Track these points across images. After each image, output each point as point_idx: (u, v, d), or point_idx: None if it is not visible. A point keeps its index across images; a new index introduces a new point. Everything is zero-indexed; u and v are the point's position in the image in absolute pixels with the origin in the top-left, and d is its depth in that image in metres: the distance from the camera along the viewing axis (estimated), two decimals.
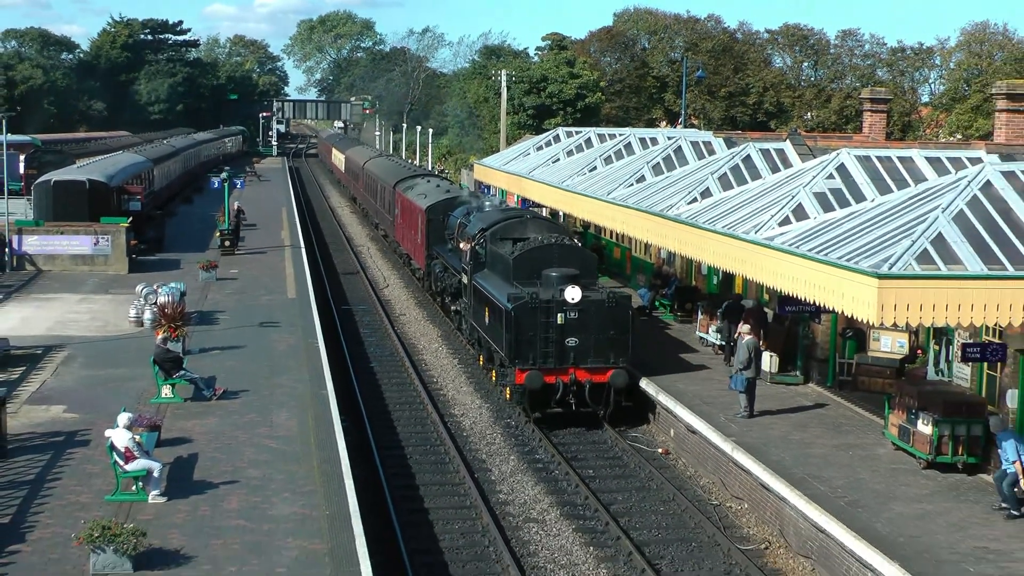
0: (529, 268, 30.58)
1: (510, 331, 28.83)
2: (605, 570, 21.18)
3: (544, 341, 28.68)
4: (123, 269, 47.82)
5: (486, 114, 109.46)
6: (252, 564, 17.93)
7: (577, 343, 28.72)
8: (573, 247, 32.43)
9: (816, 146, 32.84)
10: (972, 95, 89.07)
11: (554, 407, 29.02)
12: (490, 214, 37.13)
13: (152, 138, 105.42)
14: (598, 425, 29.40)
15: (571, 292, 28.62)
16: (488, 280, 32.73)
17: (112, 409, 23.49)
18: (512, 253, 31.54)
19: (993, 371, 24.57)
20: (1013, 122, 36.60)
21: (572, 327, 28.72)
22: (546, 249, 31.22)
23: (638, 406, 30.22)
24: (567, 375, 28.75)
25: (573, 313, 28.68)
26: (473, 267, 34.30)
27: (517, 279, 30.56)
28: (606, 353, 28.92)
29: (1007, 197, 20.82)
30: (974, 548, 19.67)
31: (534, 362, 28.74)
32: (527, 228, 33.71)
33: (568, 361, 28.77)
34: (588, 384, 28.76)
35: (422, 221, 45.89)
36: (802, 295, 22.01)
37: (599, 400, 29.02)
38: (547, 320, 28.65)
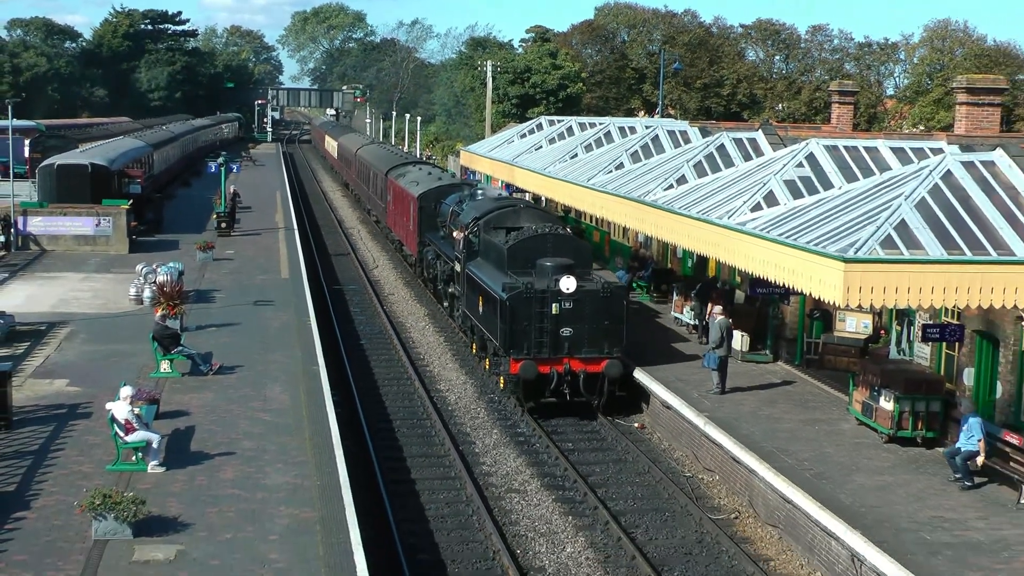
0: (523, 258, 29.48)
1: (505, 321, 27.81)
2: (583, 538, 21.24)
3: (539, 331, 27.68)
4: (123, 249, 47.71)
5: (472, 103, 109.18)
6: (246, 531, 17.94)
7: (572, 333, 27.73)
8: (567, 237, 31.14)
9: (787, 136, 32.87)
10: (934, 89, 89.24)
11: (548, 397, 28.05)
12: (483, 203, 35.83)
13: (152, 124, 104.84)
14: (591, 415, 28.48)
15: (566, 282, 27.63)
16: (482, 269, 31.50)
17: (113, 383, 23.45)
18: (506, 242, 30.34)
19: (951, 351, 24.69)
20: (972, 114, 36.65)
21: (567, 317, 27.72)
22: (540, 239, 30.06)
23: (631, 395, 29.33)
24: (561, 365, 27.74)
25: (568, 303, 27.68)
26: (466, 256, 33.02)
27: (511, 268, 29.38)
28: (600, 343, 27.91)
29: (966, 186, 20.88)
30: (931, 517, 19.80)
31: (528, 352, 27.71)
32: (520, 217, 32.61)
33: (563, 351, 27.77)
34: (582, 374, 27.78)
35: (414, 208, 44.66)
36: (772, 278, 22.08)
37: (593, 390, 28.00)
38: (542, 310, 27.66)
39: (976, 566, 17.78)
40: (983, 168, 21.39)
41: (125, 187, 55.41)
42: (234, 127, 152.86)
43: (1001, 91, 38.33)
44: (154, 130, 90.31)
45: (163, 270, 36.19)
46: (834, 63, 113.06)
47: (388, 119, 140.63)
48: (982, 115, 36.79)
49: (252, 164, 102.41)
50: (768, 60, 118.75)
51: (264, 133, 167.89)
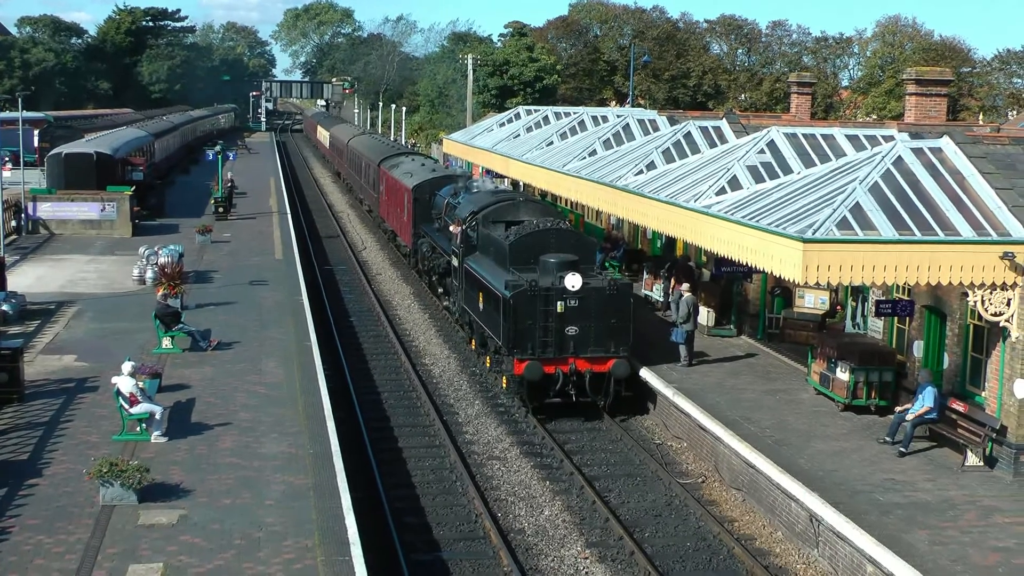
0: (526, 253, 27.03)
1: (508, 320, 25.39)
2: (560, 502, 21.25)
3: (543, 330, 25.30)
4: (127, 233, 47.51)
5: (454, 94, 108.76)
6: (244, 497, 17.89)
7: (577, 332, 25.31)
8: (571, 232, 28.69)
9: (749, 124, 32.83)
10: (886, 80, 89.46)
11: (553, 397, 25.66)
12: (481, 196, 33.26)
13: (153, 115, 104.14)
14: (597, 415, 26.16)
15: (571, 279, 25.22)
16: (481, 264, 29.11)
17: (118, 358, 23.33)
18: (508, 238, 27.95)
19: (902, 325, 24.75)
20: (921, 104, 36.64)
21: (572, 315, 25.29)
22: (543, 234, 27.59)
23: (639, 395, 27.12)
24: (567, 365, 25.36)
25: (573, 301, 25.22)
26: (464, 250, 30.53)
27: (514, 265, 26.94)
28: (607, 342, 25.52)
29: (916, 171, 20.89)
30: (883, 480, 19.89)
31: (533, 352, 25.31)
32: (520, 211, 30.21)
33: (568, 350, 25.40)
34: (588, 374, 25.40)
35: (408, 200, 42.25)
36: (736, 257, 22.06)
37: (600, 390, 25.72)
38: (546, 308, 25.24)
39: (924, 524, 17.87)
40: (931, 154, 21.39)
41: (128, 174, 55.15)
42: (230, 117, 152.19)
43: (947, 83, 38.32)
44: (155, 120, 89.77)
45: (164, 252, 36.05)
46: (793, 56, 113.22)
47: (375, 109, 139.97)
48: (930, 105, 36.80)
49: (247, 152, 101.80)
50: (731, 53, 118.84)
51: (258, 123, 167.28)
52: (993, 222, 20.02)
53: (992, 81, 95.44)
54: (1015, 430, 20.15)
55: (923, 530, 17.63)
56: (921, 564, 16.27)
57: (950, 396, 21.98)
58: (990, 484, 19.81)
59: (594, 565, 18.50)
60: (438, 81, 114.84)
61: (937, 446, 21.62)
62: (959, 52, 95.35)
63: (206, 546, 15.95)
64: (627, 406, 26.58)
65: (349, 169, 73.84)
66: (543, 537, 19.62)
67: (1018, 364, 20.04)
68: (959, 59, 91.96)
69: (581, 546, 19.24)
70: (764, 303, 31.05)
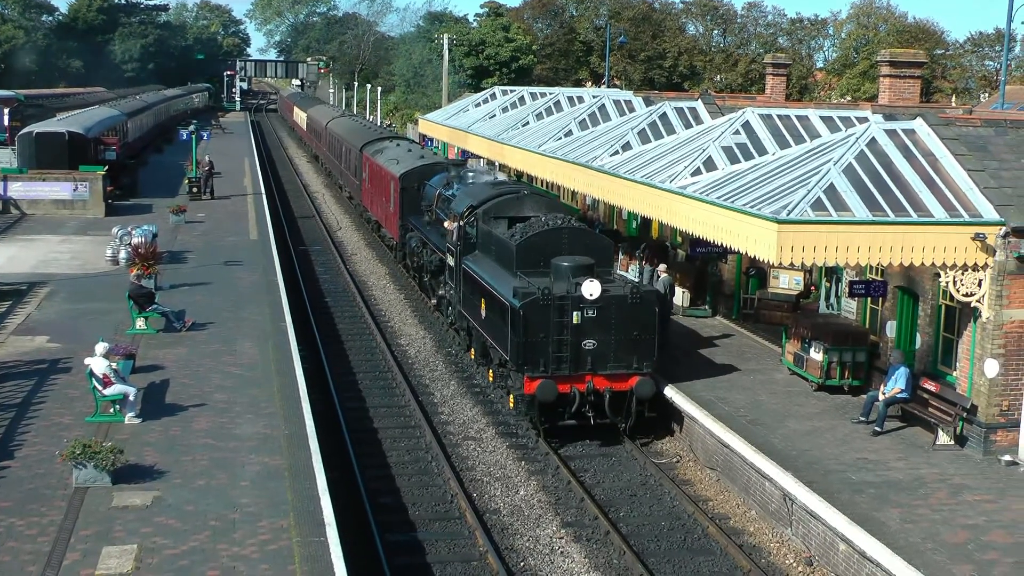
0: (535, 256, 24.23)
1: (517, 332, 22.46)
2: (535, 482, 21.31)
3: (557, 344, 22.39)
4: (100, 213, 47.18)
5: (429, 74, 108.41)
6: (219, 478, 17.86)
7: (595, 346, 22.48)
8: (584, 231, 25.51)
9: (724, 105, 32.85)
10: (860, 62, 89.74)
11: (567, 419, 22.83)
12: (479, 188, 30.13)
13: (126, 94, 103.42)
14: (615, 439, 23.41)
15: (589, 287, 22.34)
16: (481, 265, 26.21)
17: (91, 339, 23.20)
18: (515, 238, 25.02)
19: (876, 305, 24.89)
20: (895, 86, 36.85)
21: (589, 327, 22.45)
22: (555, 234, 24.62)
23: (663, 416, 24.05)
24: (583, 383, 22.55)
25: (591, 311, 22.39)
26: (462, 248, 27.55)
27: (521, 268, 24.18)
28: (628, 357, 22.70)
29: (889, 152, 20.97)
30: (856, 459, 20.04)
31: (545, 368, 22.43)
32: (524, 206, 27.30)
33: (585, 367, 22.52)
34: (608, 393, 22.63)
35: (395, 189, 39.24)
36: (711, 238, 22.10)
37: (620, 411, 22.95)
38: (561, 320, 22.37)
39: (896, 503, 18.02)
40: (904, 136, 21.48)
41: (101, 154, 54.74)
42: (204, 97, 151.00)
43: (920, 65, 38.56)
44: (128, 100, 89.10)
45: (138, 232, 35.81)
46: (768, 37, 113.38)
47: (350, 89, 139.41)
48: (904, 87, 37.00)
49: (222, 132, 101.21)
50: (707, 34, 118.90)
51: (233, 103, 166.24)
52: (965, 203, 20.15)
53: (965, 63, 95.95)
54: (985, 409, 20.34)
55: (895, 508, 17.78)
56: (893, 542, 16.42)
57: (922, 376, 22.14)
58: (960, 463, 20.00)
59: (569, 545, 18.57)
60: (414, 61, 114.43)
61: (909, 425, 21.80)
62: (932, 34, 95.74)
63: (181, 527, 15.91)
64: (650, 427, 24.17)
65: (328, 153, 70.59)
66: (518, 517, 19.68)
67: (988, 344, 20.20)
68: (932, 41, 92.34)
69: (556, 526, 19.31)
70: (739, 284, 31.17)
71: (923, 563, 15.74)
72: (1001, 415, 20.34)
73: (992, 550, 16.34)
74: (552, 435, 22.99)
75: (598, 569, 17.71)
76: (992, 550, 16.34)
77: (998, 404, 20.31)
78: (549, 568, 17.75)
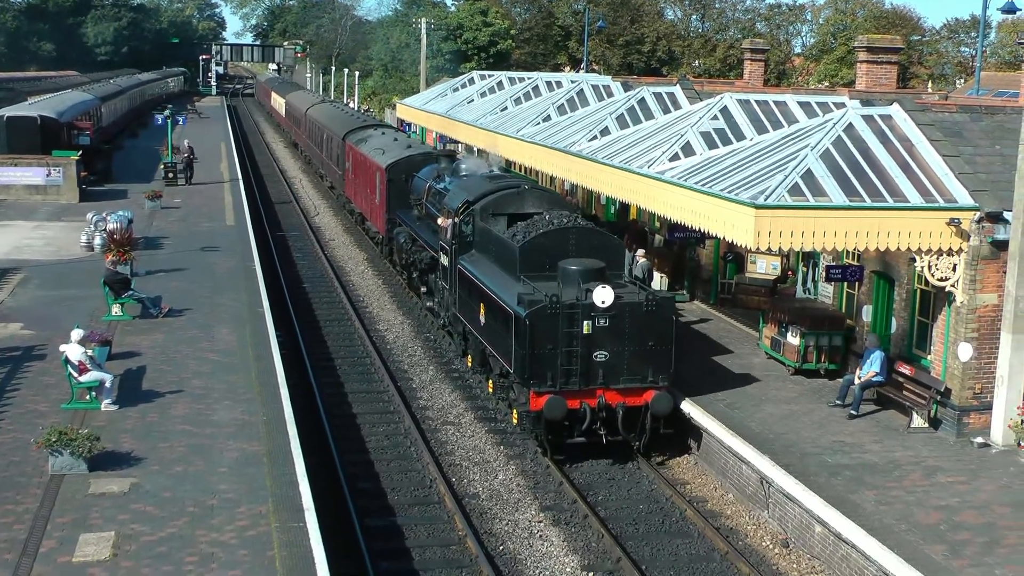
0: (540, 258, 22.49)
1: (523, 343, 20.67)
2: (514, 466, 21.41)
3: (566, 356, 20.65)
4: (74, 198, 46.90)
5: (407, 58, 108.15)
6: (197, 464, 17.88)
7: (608, 358, 20.79)
8: (593, 231, 23.44)
9: (702, 90, 32.97)
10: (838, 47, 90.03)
11: (577, 437, 21.22)
12: (475, 182, 27.98)
13: (99, 78, 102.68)
14: (628, 456, 21.80)
15: (601, 294, 20.60)
16: (479, 267, 24.45)
17: (66, 326, 23.14)
18: (517, 238, 23.27)
19: (852, 290, 25.07)
20: (872, 72, 37.07)
21: (601, 337, 20.71)
22: (562, 234, 22.78)
23: (679, 432, 22.33)
24: (594, 398, 20.87)
25: (603, 320, 20.68)
26: (458, 248, 25.81)
27: (525, 271, 22.39)
28: (643, 369, 21.04)
29: (866, 138, 21.12)
30: (832, 442, 20.23)
31: (553, 383, 20.70)
32: (525, 202, 25.53)
33: (596, 380, 20.85)
34: (621, 409, 20.99)
35: (381, 181, 37.29)
36: (689, 223, 22.22)
37: (634, 427, 21.31)
38: (571, 329, 20.64)
39: (871, 485, 18.23)
40: (881, 121, 21.63)
41: (74, 138, 54.32)
42: (180, 81, 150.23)
43: (897, 50, 38.81)
44: (102, 84, 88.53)
45: (113, 218, 35.64)
46: (746, 23, 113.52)
47: (327, 74, 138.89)
48: (881, 72, 37.21)
49: (198, 117, 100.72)
50: (685, 19, 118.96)
51: (209, 87, 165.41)
52: (940, 189, 20.34)
53: (941, 49, 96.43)
54: (959, 392, 20.57)
55: (870, 490, 17.98)
56: (867, 523, 16.61)
57: (897, 360, 22.36)
58: (934, 445, 20.23)
59: (548, 528, 18.70)
60: (391, 45, 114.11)
61: (884, 409, 22.03)
62: (909, 20, 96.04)
63: (158, 514, 15.93)
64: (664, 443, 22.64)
65: (308, 141, 68.24)
66: (497, 501, 19.79)
67: (962, 328, 20.42)
68: (909, 27, 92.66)
69: (535, 509, 19.43)
70: (717, 268, 31.32)
71: (897, 544, 15.94)
72: (974, 398, 20.58)
73: (964, 530, 16.57)
74: (558, 452, 21.34)
75: (577, 552, 17.85)
76: (964, 530, 16.57)
77: (971, 387, 20.55)
78: (528, 552, 17.87)
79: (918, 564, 15.34)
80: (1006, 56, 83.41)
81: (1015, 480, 18.62)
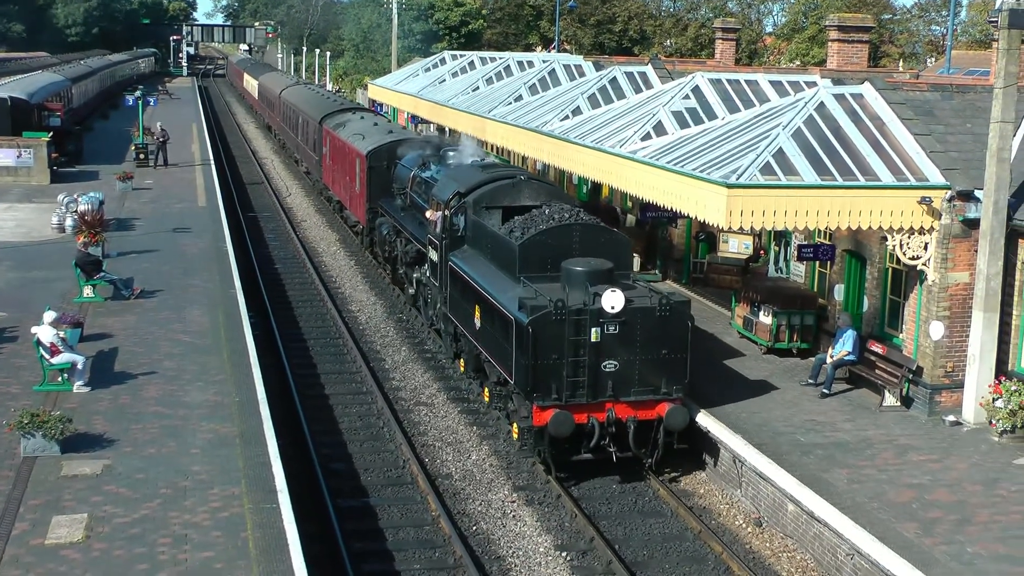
0: (541, 257, 20.69)
1: (525, 353, 18.82)
2: (487, 447, 21.37)
3: (573, 367, 18.89)
4: (45, 180, 46.46)
5: (379, 39, 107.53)
6: (169, 446, 17.75)
7: (617, 368, 19.05)
8: (599, 227, 21.55)
9: (674, 70, 32.90)
10: (809, 27, 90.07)
11: (584, 453, 19.48)
12: (465, 172, 26.29)
13: (70, 59, 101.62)
14: (637, 475, 20.00)
15: (611, 298, 18.79)
16: (474, 265, 22.66)
17: (38, 308, 22.93)
18: (514, 234, 21.45)
19: (824, 269, 25.13)
20: (843, 51, 37.10)
21: (610, 346, 18.98)
22: (564, 231, 20.95)
23: (694, 448, 20.66)
24: (603, 412, 19.17)
25: (612, 327, 18.91)
26: (449, 243, 24.06)
27: (525, 272, 20.61)
28: (655, 380, 19.32)
29: (837, 117, 21.11)
30: (804, 421, 20.29)
31: (558, 396, 18.93)
32: (520, 194, 23.75)
33: (605, 393, 19.11)
34: (632, 423, 19.30)
35: (361, 168, 35.52)
36: (661, 202, 22.17)
37: (646, 442, 19.64)
38: (578, 337, 18.87)
39: (844, 463, 18.29)
40: (852, 100, 21.63)
41: (45, 120, 53.80)
42: (150, 62, 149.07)
43: (868, 29, 38.82)
44: (72, 65, 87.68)
45: (84, 199, 35.36)
46: (718, 2, 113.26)
47: (299, 55, 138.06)
48: (852, 51, 37.25)
49: (169, 98, 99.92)
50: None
51: (179, 68, 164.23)
52: (911, 167, 20.36)
53: (912, 28, 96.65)
54: (930, 371, 20.66)
55: (842, 469, 18.03)
56: (840, 502, 16.66)
57: (869, 339, 22.42)
58: (906, 423, 20.31)
59: (521, 508, 18.67)
60: (363, 26, 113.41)
61: (856, 387, 22.10)
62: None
63: (131, 496, 15.82)
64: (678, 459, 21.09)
65: (283, 124, 65.85)
66: (471, 481, 19.74)
67: (934, 307, 20.49)
68: (880, 6, 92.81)
69: (508, 490, 19.39)
70: (689, 248, 31.33)
71: (869, 522, 16.00)
72: (946, 376, 20.67)
73: (936, 508, 16.64)
74: (562, 469, 19.57)
75: (550, 532, 17.83)
76: (936, 508, 16.64)
77: (943, 366, 20.63)
78: (501, 532, 17.84)
79: (890, 542, 15.40)
80: (977, 35, 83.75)
81: (986, 458, 18.72)
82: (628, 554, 17.11)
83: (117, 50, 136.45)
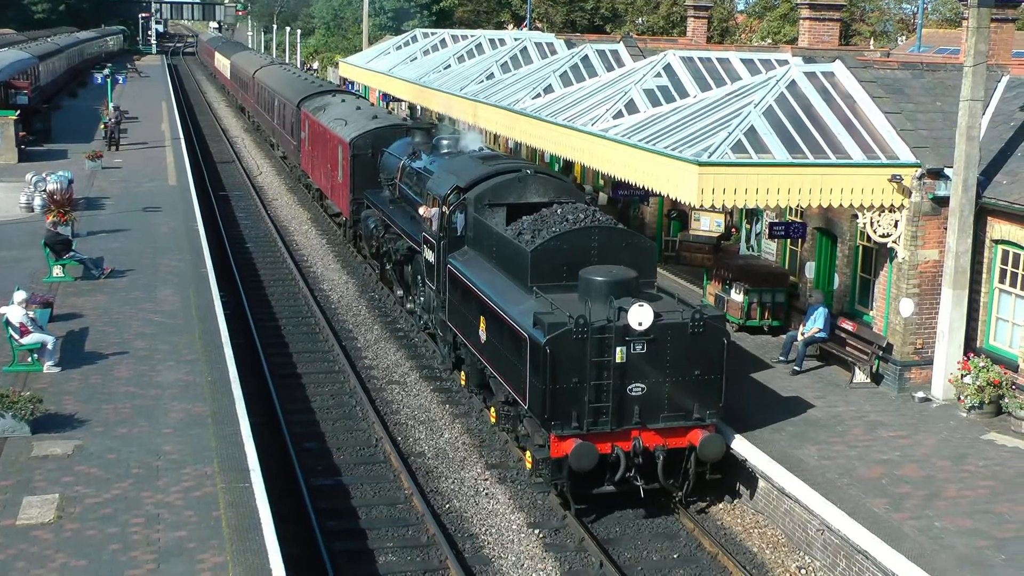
0: (555, 265, 18.50)
1: (541, 376, 16.58)
2: (460, 425, 21.40)
3: (596, 391, 16.72)
4: (13, 159, 45.99)
5: (349, 16, 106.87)
6: (141, 426, 17.69)
7: (644, 391, 16.94)
8: (620, 230, 19.43)
9: (646, 48, 32.89)
10: (781, 4, 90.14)
11: (607, 485, 17.39)
12: (463, 164, 23.92)
13: (37, 36, 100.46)
14: (665, 508, 18.02)
15: (638, 314, 16.53)
16: (476, 270, 20.57)
17: (7, 288, 22.75)
18: (525, 238, 19.20)
19: (795, 246, 25.24)
20: (815, 29, 37.19)
21: (637, 367, 16.84)
22: (581, 235, 18.75)
23: (727, 478, 18.47)
24: (628, 441, 17.10)
25: (639, 346, 16.78)
26: (447, 244, 22.01)
27: (537, 280, 18.38)
28: (687, 404, 17.22)
29: (808, 95, 21.17)
30: (776, 398, 20.39)
31: (579, 424, 16.76)
32: (528, 190, 21.43)
33: (631, 419, 16.99)
34: (661, 453, 17.22)
35: (344, 156, 33.26)
36: (633, 180, 22.17)
37: (677, 473, 17.59)
38: (601, 359, 16.67)
39: (814, 440, 18.42)
40: (824, 78, 21.69)
41: (12, 98, 53.30)
42: (119, 40, 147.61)
43: (839, 8, 38.91)
44: (39, 42, 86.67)
45: (53, 178, 34.99)
46: None
47: (269, 32, 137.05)
48: (823, 29, 37.34)
49: (138, 76, 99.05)
50: None
51: (149, 45, 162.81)
52: (882, 145, 20.45)
53: (883, 6, 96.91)
54: (900, 348, 20.82)
55: (813, 445, 18.16)
56: (811, 478, 16.79)
57: (840, 316, 22.56)
58: (876, 400, 20.47)
59: (494, 486, 18.71)
60: (333, 3, 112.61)
61: (827, 364, 22.25)
62: None
63: (103, 476, 15.77)
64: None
65: (257, 106, 62.67)
66: (443, 460, 19.77)
67: (904, 284, 20.63)
68: None
69: (481, 468, 19.43)
70: (661, 226, 31.39)
71: (839, 498, 16.13)
72: (915, 353, 20.84)
73: (905, 484, 16.79)
74: (581, 501, 17.48)
75: (523, 510, 17.88)
76: (905, 484, 16.79)
77: (912, 343, 20.79)
78: (474, 509, 17.88)
79: (860, 517, 15.54)
80: (947, 13, 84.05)
81: (954, 434, 18.90)
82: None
83: (85, 27, 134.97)
